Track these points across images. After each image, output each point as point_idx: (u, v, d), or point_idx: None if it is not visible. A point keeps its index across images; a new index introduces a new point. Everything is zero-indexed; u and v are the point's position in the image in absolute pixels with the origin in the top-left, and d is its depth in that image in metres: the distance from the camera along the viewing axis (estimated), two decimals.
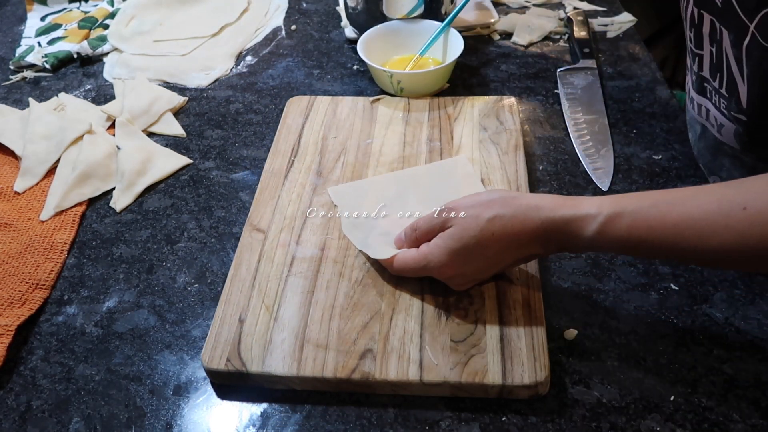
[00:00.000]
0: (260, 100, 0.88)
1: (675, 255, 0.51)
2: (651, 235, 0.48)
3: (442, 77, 0.84)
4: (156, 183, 0.76)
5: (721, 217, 0.45)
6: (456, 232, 0.53)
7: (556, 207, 0.51)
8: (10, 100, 0.92)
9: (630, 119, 0.80)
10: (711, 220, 0.46)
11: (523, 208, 0.52)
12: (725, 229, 0.45)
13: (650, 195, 0.49)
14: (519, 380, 0.51)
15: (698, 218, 0.46)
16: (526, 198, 0.53)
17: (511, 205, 0.52)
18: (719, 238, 0.45)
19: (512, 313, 0.56)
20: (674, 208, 0.47)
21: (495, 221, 0.52)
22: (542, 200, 0.52)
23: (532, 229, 0.51)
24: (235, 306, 0.58)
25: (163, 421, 0.53)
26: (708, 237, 0.46)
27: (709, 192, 0.48)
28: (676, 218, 0.47)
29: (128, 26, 1.05)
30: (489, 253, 0.53)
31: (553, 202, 0.52)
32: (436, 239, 0.55)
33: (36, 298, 0.63)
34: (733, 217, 0.45)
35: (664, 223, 0.47)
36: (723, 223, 0.45)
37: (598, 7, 1.03)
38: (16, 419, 0.54)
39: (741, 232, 0.45)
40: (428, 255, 0.55)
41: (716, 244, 0.46)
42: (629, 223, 0.48)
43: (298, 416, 0.53)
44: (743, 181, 0.47)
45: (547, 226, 0.51)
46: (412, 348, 0.54)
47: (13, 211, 0.73)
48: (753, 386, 0.53)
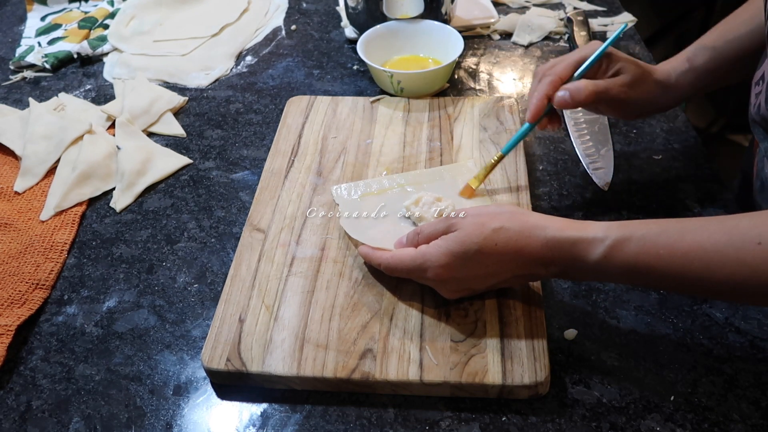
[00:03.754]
0: (260, 100, 0.88)
1: (682, 285, 0.48)
2: (659, 263, 0.47)
3: (442, 77, 0.84)
4: (156, 183, 0.76)
5: (733, 249, 0.44)
6: (459, 235, 0.53)
7: (563, 228, 0.51)
8: (10, 100, 0.92)
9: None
10: (722, 252, 0.45)
11: (529, 225, 0.51)
12: (736, 263, 0.44)
13: (659, 222, 0.48)
14: (519, 380, 0.51)
15: (709, 249, 0.45)
16: (534, 216, 0.53)
17: (518, 221, 0.52)
18: (729, 270, 0.44)
19: (512, 313, 0.56)
20: (684, 236, 0.46)
21: (500, 233, 0.51)
22: (550, 221, 0.52)
23: (535, 248, 0.51)
24: (235, 306, 0.58)
25: (163, 421, 0.53)
26: (718, 269, 0.45)
27: (721, 222, 0.46)
28: (685, 247, 0.46)
29: (128, 26, 1.05)
30: (488, 263, 0.52)
31: (560, 223, 0.51)
32: (438, 240, 0.54)
33: (36, 298, 0.63)
34: (746, 251, 0.44)
35: (672, 251, 0.46)
36: (734, 256, 0.44)
37: (598, 7, 1.03)
38: (16, 419, 0.54)
39: (754, 268, 0.43)
40: (426, 254, 0.54)
41: (725, 276, 0.45)
42: (637, 249, 0.47)
43: (298, 416, 0.53)
44: (759, 213, 0.45)
45: (552, 245, 0.50)
46: (412, 348, 0.54)
47: (13, 211, 0.73)
48: (753, 386, 0.53)
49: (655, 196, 0.70)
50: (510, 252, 0.51)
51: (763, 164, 0.68)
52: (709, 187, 0.70)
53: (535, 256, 0.51)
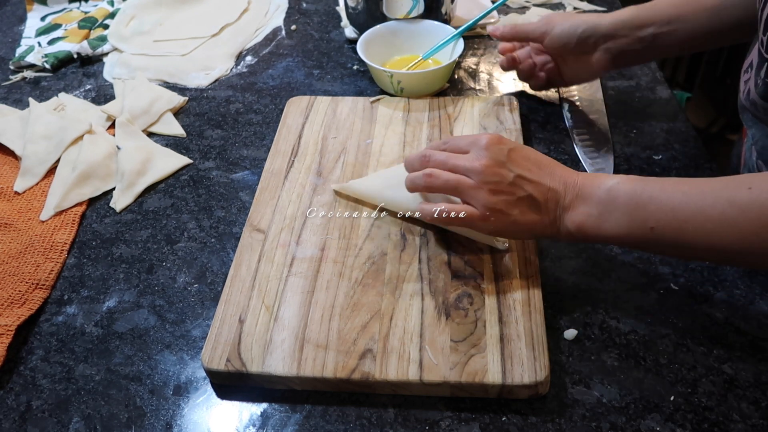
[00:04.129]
0: (260, 100, 0.88)
1: (675, 229, 0.51)
2: (661, 195, 0.51)
3: (442, 77, 0.84)
4: (156, 183, 0.76)
5: (726, 191, 0.49)
6: (490, 137, 0.57)
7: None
8: (10, 100, 0.92)
9: (630, 119, 0.80)
10: (716, 194, 0.49)
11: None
12: (727, 203, 0.48)
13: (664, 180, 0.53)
14: (519, 380, 0.51)
15: (705, 189, 0.50)
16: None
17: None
18: (720, 209, 0.48)
19: (512, 312, 0.56)
20: (683, 182, 0.51)
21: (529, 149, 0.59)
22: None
23: (558, 165, 0.57)
24: (235, 306, 0.58)
25: (163, 421, 0.53)
26: (710, 207, 0.49)
27: (722, 177, 0.51)
28: (686, 186, 0.51)
29: (128, 26, 1.05)
30: (519, 160, 0.56)
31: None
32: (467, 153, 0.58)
33: (36, 298, 0.63)
34: (737, 194, 0.48)
35: (674, 188, 0.51)
36: (726, 196, 0.48)
37: (598, 7, 1.03)
38: (16, 419, 0.54)
39: (743, 207, 0.47)
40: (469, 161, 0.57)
41: (717, 216, 0.48)
42: (642, 184, 0.52)
43: (298, 416, 0.53)
44: (757, 174, 0.50)
45: (570, 174, 0.56)
46: (412, 348, 0.54)
47: (13, 211, 0.73)
48: (753, 386, 0.53)
49: None
50: (535, 160, 0.57)
51: (750, 152, 0.68)
52: None
53: (558, 174, 0.56)
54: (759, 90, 0.58)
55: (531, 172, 0.56)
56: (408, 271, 0.60)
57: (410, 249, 0.62)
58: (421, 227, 0.64)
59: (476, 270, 0.60)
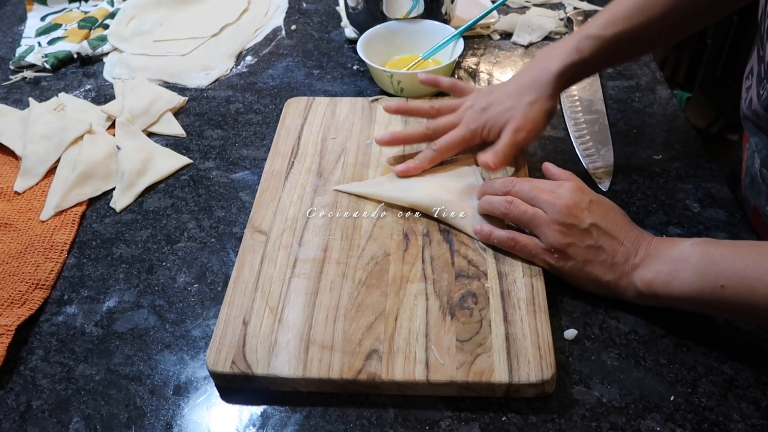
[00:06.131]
0: (260, 100, 0.88)
1: (747, 287, 0.50)
2: (733, 254, 0.51)
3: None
4: (156, 183, 0.76)
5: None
6: (574, 183, 0.59)
7: None
8: (10, 100, 0.92)
9: (630, 119, 0.80)
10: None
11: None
12: None
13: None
14: (525, 379, 0.51)
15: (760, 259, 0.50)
16: None
17: None
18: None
19: (517, 312, 0.56)
20: (757, 243, 0.51)
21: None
22: None
23: (633, 224, 0.58)
24: (238, 308, 0.58)
25: (163, 421, 0.53)
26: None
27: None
28: (759, 247, 0.51)
29: (128, 26, 1.05)
30: (598, 209, 0.58)
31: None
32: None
33: (36, 298, 0.63)
34: None
35: (747, 248, 0.51)
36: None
37: (598, 7, 1.03)
38: (16, 419, 0.54)
39: None
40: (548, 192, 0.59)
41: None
42: (715, 244, 0.53)
43: (298, 416, 0.53)
44: None
45: (644, 234, 0.57)
46: (418, 348, 0.54)
47: (13, 211, 0.73)
48: (753, 386, 0.53)
49: (655, 196, 0.70)
50: (613, 215, 0.58)
51: (753, 159, 0.68)
52: (709, 187, 0.70)
53: (632, 232, 0.56)
54: (762, 102, 0.58)
55: (606, 225, 0.56)
56: (411, 271, 0.60)
57: (413, 249, 0.62)
58: (423, 227, 0.64)
59: (480, 269, 0.60)
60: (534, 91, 0.67)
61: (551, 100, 0.68)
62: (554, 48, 0.69)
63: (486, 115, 0.68)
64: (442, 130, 0.70)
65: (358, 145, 0.75)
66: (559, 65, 0.67)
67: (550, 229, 0.57)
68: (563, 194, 0.57)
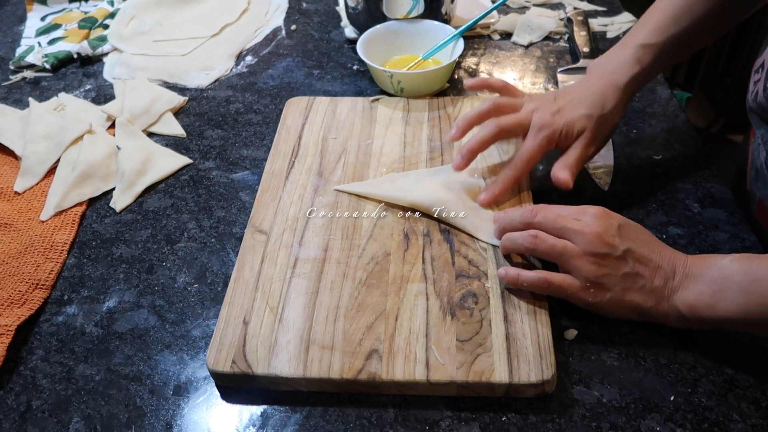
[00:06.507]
0: (260, 100, 0.88)
1: None
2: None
3: (442, 77, 0.84)
4: (156, 183, 0.76)
5: None
6: (599, 209, 0.56)
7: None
8: (10, 100, 0.92)
9: (630, 119, 0.80)
10: None
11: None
12: None
13: None
14: (526, 379, 0.51)
15: None
16: None
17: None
18: None
19: (517, 312, 0.56)
20: None
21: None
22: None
23: (664, 245, 0.55)
24: (239, 308, 0.58)
25: (163, 421, 0.53)
26: None
27: None
28: None
29: (128, 26, 1.05)
30: (629, 234, 0.55)
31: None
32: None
33: (36, 298, 0.63)
34: None
35: None
36: None
37: (598, 7, 1.03)
38: (16, 419, 0.54)
39: None
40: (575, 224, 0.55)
41: None
42: (758, 260, 0.50)
43: (298, 416, 0.53)
44: None
45: (678, 254, 0.54)
46: (418, 348, 0.54)
47: (13, 211, 0.73)
48: (753, 386, 0.53)
49: (655, 196, 0.70)
50: (644, 238, 0.55)
51: (758, 152, 0.68)
52: (709, 187, 0.70)
53: (665, 253, 0.54)
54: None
55: (639, 248, 0.53)
56: (412, 271, 0.60)
57: (413, 249, 0.62)
58: (423, 227, 0.64)
59: (480, 269, 0.60)
60: (606, 104, 0.65)
61: (620, 113, 0.67)
62: (611, 60, 0.68)
63: (562, 119, 0.64)
64: (511, 126, 0.67)
65: (358, 145, 0.75)
66: (626, 79, 0.66)
67: (583, 261, 0.53)
68: (590, 222, 0.54)
